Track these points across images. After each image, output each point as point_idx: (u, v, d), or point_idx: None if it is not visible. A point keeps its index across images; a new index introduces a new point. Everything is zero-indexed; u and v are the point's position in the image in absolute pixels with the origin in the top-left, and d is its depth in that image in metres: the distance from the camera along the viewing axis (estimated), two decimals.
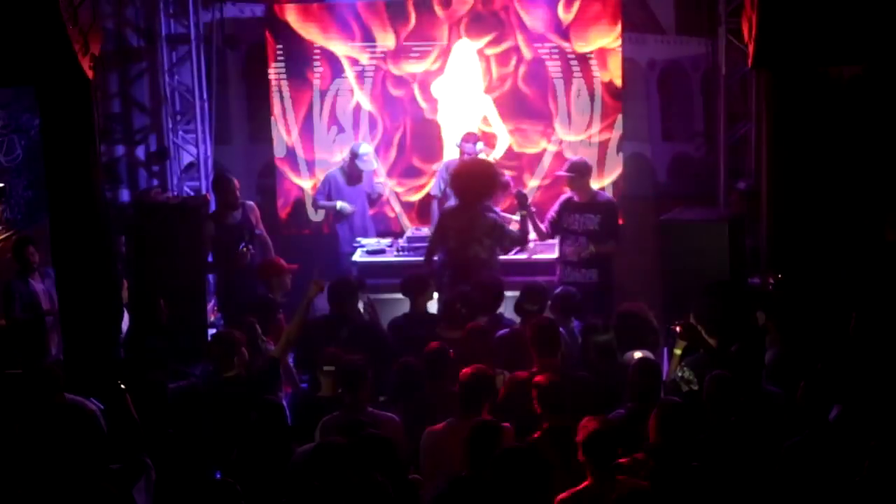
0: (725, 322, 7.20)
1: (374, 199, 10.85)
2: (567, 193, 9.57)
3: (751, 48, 7.87)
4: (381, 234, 10.74)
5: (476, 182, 9.23)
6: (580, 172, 9.49)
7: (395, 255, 10.07)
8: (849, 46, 7.64)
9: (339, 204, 10.51)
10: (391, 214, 11.39)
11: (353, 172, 10.57)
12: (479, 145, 10.30)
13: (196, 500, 5.40)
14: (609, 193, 10.52)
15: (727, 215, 8.83)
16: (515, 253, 9.79)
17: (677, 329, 7.11)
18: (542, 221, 9.58)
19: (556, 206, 9.62)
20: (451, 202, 9.82)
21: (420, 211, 11.31)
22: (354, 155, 10.50)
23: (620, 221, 9.77)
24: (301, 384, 8.32)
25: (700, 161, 11.45)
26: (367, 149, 10.58)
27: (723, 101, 10.96)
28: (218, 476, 6.36)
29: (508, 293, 8.33)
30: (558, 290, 8.33)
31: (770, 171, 8.28)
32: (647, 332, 7.42)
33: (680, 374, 6.94)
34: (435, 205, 10.68)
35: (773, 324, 7.42)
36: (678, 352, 7.15)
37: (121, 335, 8.36)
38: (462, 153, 10.23)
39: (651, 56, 11.26)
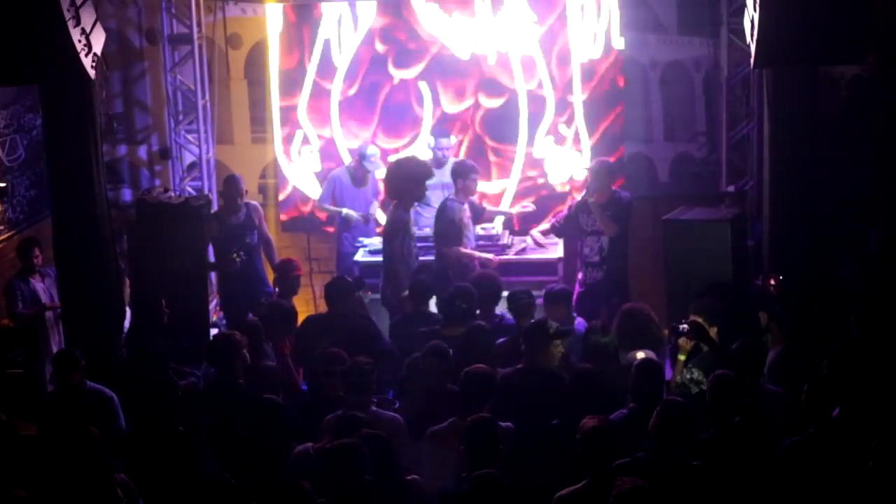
0: (724, 322, 7.20)
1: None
2: (581, 195, 9.59)
3: (753, 48, 7.89)
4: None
5: (403, 181, 9.25)
6: (599, 173, 9.46)
7: None
8: (848, 46, 7.64)
9: (345, 211, 10.46)
10: None
11: (359, 174, 10.54)
12: (453, 139, 10.44)
13: (194, 496, 5.40)
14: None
15: (729, 215, 8.80)
16: (516, 253, 9.82)
17: (684, 327, 7.07)
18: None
19: (566, 210, 9.67)
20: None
21: None
22: (362, 156, 10.45)
23: None
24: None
25: (702, 161, 11.44)
26: (374, 150, 10.54)
27: (724, 101, 10.96)
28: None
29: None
30: (545, 289, 8.30)
31: (771, 170, 8.28)
32: (649, 332, 7.41)
33: (689, 376, 6.92)
34: None
35: (775, 324, 7.41)
36: (682, 357, 7.14)
37: (122, 334, 8.37)
38: (437, 150, 10.28)
39: (653, 56, 11.23)
